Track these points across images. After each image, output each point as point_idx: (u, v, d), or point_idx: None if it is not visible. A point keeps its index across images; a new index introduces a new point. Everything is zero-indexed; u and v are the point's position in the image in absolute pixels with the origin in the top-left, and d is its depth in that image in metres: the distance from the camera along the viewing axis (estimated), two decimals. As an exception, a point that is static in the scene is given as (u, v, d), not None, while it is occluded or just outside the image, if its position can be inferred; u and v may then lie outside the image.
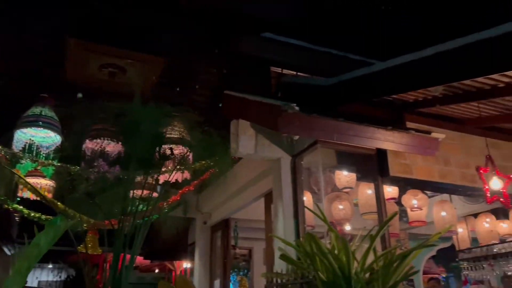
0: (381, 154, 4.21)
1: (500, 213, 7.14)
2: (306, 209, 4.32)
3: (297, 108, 3.23)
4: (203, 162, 4.42)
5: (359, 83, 3.71)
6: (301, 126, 3.28)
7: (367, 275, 3.17)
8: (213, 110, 4.58)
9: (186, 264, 9.45)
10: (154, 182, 3.88)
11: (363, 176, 4.74)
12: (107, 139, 3.69)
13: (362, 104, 4.43)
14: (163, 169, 3.69)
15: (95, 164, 3.45)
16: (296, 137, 3.86)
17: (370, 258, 3.23)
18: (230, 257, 6.27)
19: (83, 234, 5.41)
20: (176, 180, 4.11)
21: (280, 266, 3.76)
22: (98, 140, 3.68)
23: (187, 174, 4.33)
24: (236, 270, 9.60)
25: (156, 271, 10.95)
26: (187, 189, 5.02)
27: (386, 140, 3.72)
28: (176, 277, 9.34)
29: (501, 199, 3.89)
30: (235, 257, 7.98)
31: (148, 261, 10.29)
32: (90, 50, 4.91)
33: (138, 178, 3.69)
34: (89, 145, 3.69)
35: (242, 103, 3.93)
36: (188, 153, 3.93)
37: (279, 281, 3.64)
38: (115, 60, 5.14)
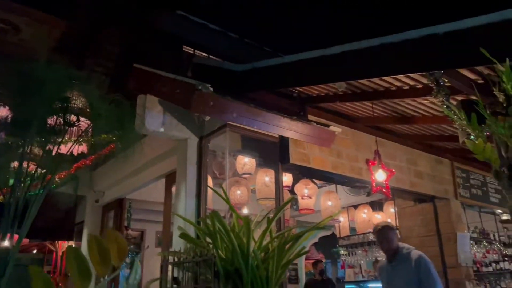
0: (284, 142, 4.43)
1: (376, 206, 8.02)
2: (207, 191, 4.36)
3: (211, 88, 3.25)
4: (104, 136, 4.17)
5: (271, 72, 3.85)
6: (214, 107, 3.30)
7: (262, 254, 3.35)
8: (118, 83, 4.36)
9: (72, 245, 8.90)
10: (44, 153, 3.57)
11: (264, 162, 4.93)
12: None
13: (270, 93, 4.60)
14: (57, 140, 3.40)
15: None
16: (207, 118, 3.87)
17: (266, 239, 3.41)
18: (125, 235, 6.06)
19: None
20: (71, 153, 3.83)
21: (177, 246, 3.76)
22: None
23: (84, 148, 4.07)
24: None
25: (34, 251, 10.07)
26: (83, 164, 4.71)
27: (290, 129, 3.93)
28: (66, 250, 8.73)
29: (384, 190, 4.37)
30: (127, 237, 7.72)
31: (26, 240, 9.43)
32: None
33: (28, 148, 3.36)
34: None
35: (153, 78, 3.81)
36: (88, 124, 3.69)
37: (176, 259, 3.64)
38: (8, 16, 4.59)
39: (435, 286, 3.24)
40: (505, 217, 6.68)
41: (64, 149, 3.60)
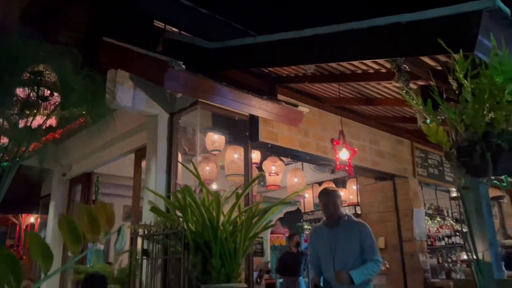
0: (254, 120, 4.54)
1: (339, 183, 8.36)
2: (177, 167, 4.45)
3: (183, 66, 3.30)
4: (74, 109, 4.14)
5: (243, 51, 3.92)
6: (186, 85, 3.36)
7: (231, 227, 3.49)
8: (89, 57, 4.31)
9: (36, 218, 8.78)
10: (15, 127, 3.54)
11: (234, 139, 5.05)
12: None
13: (241, 72, 4.68)
14: (30, 113, 3.39)
15: None
16: (179, 95, 3.92)
17: (235, 213, 3.55)
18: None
19: None
20: (39, 125, 3.80)
21: (147, 220, 3.85)
22: None
23: (53, 121, 4.04)
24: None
25: (-4, 225, 9.87)
26: (51, 137, 4.65)
27: (260, 108, 4.05)
28: (26, 234, 8.63)
29: (346, 168, 4.59)
30: (94, 212, 7.71)
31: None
32: None
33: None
34: None
35: (125, 53, 3.80)
36: (57, 97, 3.67)
37: (146, 232, 3.74)
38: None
39: (375, 255, 3.32)
40: (454, 194, 7.13)
41: (34, 122, 3.58)
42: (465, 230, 1.93)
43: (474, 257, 1.87)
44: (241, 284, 3.29)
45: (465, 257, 5.39)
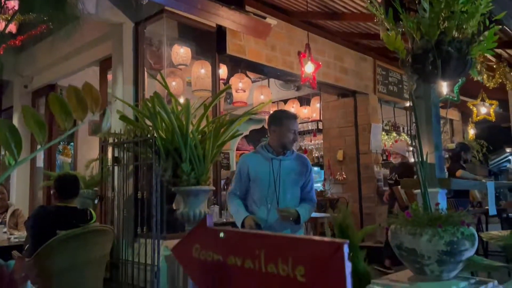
0: (221, 32, 4.53)
1: (303, 101, 8.61)
2: (145, 77, 4.46)
3: (149, -30, 3.20)
4: (35, 14, 3.97)
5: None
6: (152, -10, 3.28)
7: (200, 136, 3.66)
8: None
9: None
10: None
11: (201, 52, 5.03)
12: None
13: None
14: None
15: None
16: (145, 1, 3.81)
17: (203, 125, 3.70)
18: (56, 124, 6.04)
19: None
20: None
21: (116, 130, 3.93)
22: None
23: (13, 26, 3.90)
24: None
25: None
26: (11, 44, 4.48)
27: (228, 18, 4.03)
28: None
29: (311, 81, 4.75)
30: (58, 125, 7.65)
31: None
32: None
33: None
34: None
35: (85, -46, 3.60)
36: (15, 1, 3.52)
37: (116, 140, 3.85)
38: None
39: (314, 194, 3.09)
40: (407, 104, 7.53)
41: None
42: (414, 134, 2.14)
43: (420, 158, 2.11)
44: (210, 187, 3.54)
45: (412, 160, 5.93)
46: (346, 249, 0.67)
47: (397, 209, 5.07)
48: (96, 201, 4.03)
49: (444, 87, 5.63)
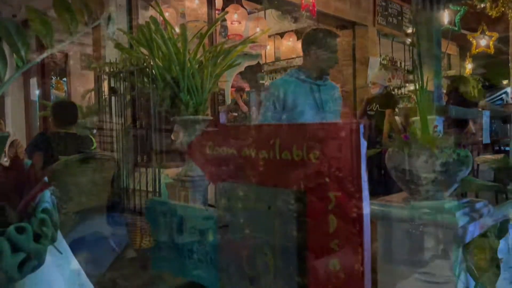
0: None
1: (301, 34, 8.36)
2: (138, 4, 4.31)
3: None
4: None
5: None
6: None
7: (197, 65, 3.60)
8: None
9: None
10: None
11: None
12: None
13: None
14: None
15: None
16: None
17: (199, 54, 3.63)
18: (48, 60, 5.90)
19: None
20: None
21: (110, 59, 3.86)
22: None
23: None
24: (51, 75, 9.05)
25: None
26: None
27: None
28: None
29: (311, 8, 4.61)
30: (52, 59, 7.48)
31: None
32: None
33: None
34: None
35: None
36: None
37: (112, 69, 3.79)
38: None
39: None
40: (406, 39, 7.41)
41: None
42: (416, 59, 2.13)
43: (419, 85, 2.11)
44: (208, 117, 3.55)
45: (412, 88, 5.95)
46: (361, 128, 0.72)
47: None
48: (94, 131, 4.05)
49: (445, 17, 5.51)
